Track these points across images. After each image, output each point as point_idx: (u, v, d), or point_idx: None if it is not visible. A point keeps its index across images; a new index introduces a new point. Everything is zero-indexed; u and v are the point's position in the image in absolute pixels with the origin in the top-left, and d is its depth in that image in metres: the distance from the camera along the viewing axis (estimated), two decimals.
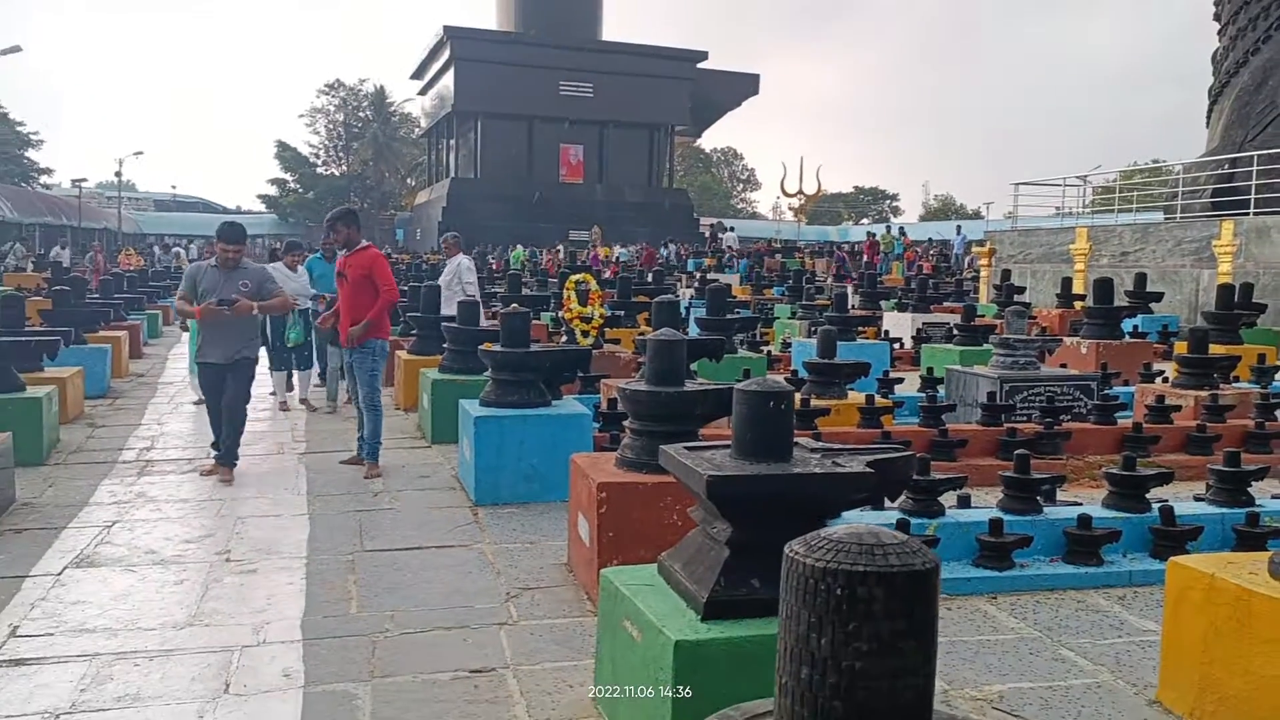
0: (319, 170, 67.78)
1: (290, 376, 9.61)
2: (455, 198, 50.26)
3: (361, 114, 67.77)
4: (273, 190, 66.34)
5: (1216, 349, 8.87)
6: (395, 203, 69.11)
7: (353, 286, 6.71)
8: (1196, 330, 8.01)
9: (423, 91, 60.53)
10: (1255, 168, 15.11)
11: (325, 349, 9.35)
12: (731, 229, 44.58)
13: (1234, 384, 8.08)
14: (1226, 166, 16.28)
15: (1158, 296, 14.09)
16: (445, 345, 8.27)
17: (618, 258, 33.14)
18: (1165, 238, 15.75)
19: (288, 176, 66.25)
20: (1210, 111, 17.97)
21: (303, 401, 9.55)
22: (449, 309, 9.77)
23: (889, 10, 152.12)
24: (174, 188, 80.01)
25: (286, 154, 66.00)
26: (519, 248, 38.06)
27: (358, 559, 4.85)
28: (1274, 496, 5.13)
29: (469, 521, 5.53)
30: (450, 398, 7.44)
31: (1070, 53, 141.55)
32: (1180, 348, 8.30)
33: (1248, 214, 14.76)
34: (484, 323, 8.68)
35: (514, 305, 6.93)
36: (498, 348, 6.30)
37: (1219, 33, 17.92)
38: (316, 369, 9.86)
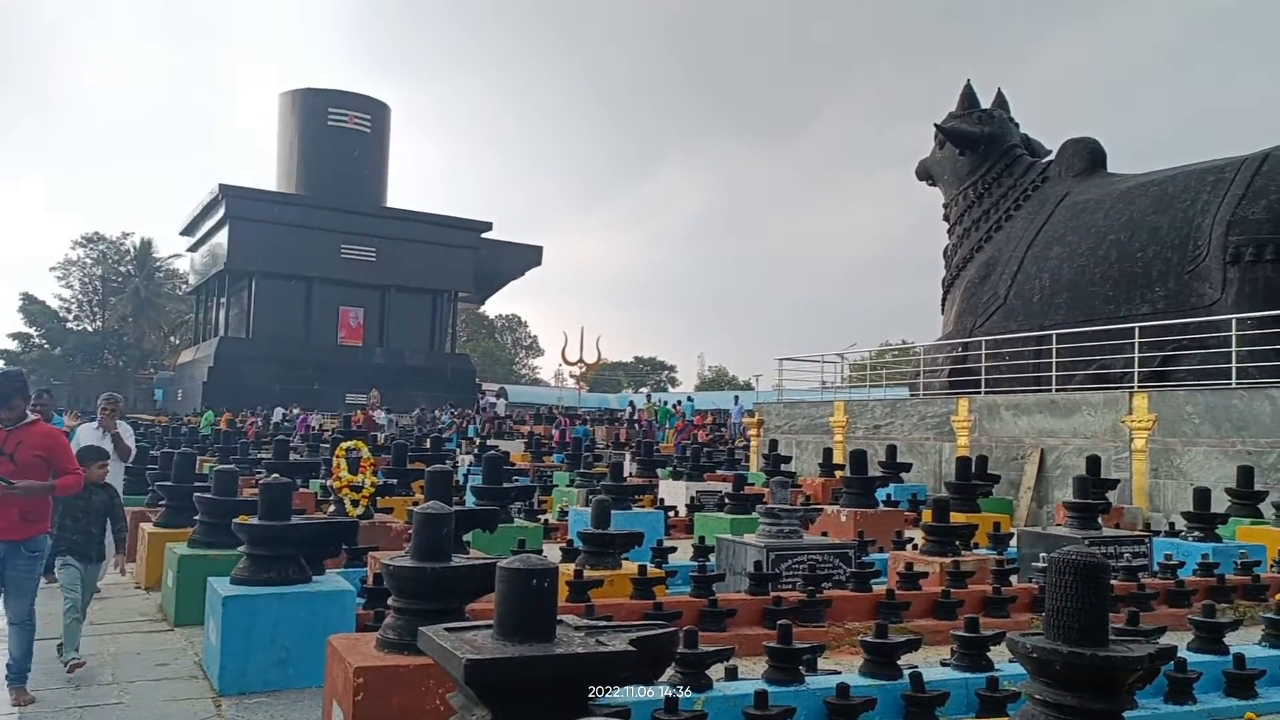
0: (69, 325, 63.27)
1: None
2: (223, 357, 48.11)
3: (123, 268, 64.36)
4: (13, 345, 61.20)
5: (957, 517, 9.59)
6: (155, 361, 65.24)
7: (23, 470, 5.45)
8: (939, 500, 8.65)
9: (193, 248, 58.46)
10: (984, 351, 16.85)
11: None
12: (499, 397, 44.99)
13: (974, 550, 8.72)
14: (960, 350, 18.06)
15: (907, 467, 15.20)
16: (197, 517, 7.71)
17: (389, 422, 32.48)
18: (911, 413, 17.14)
19: (32, 331, 61.41)
20: (944, 300, 20.04)
21: None
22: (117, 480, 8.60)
23: (659, 194, 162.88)
24: None
25: (33, 307, 61.39)
26: (209, 411, 36.77)
27: None
28: (1011, 660, 5.49)
29: (210, 714, 5.03)
30: (199, 575, 6.87)
31: (827, 239, 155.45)
32: (926, 516, 8.91)
33: (980, 393, 16.34)
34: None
35: (275, 475, 6.59)
36: (254, 520, 5.94)
37: (948, 232, 20.23)
38: None
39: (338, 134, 53.60)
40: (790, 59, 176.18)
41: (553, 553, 8.73)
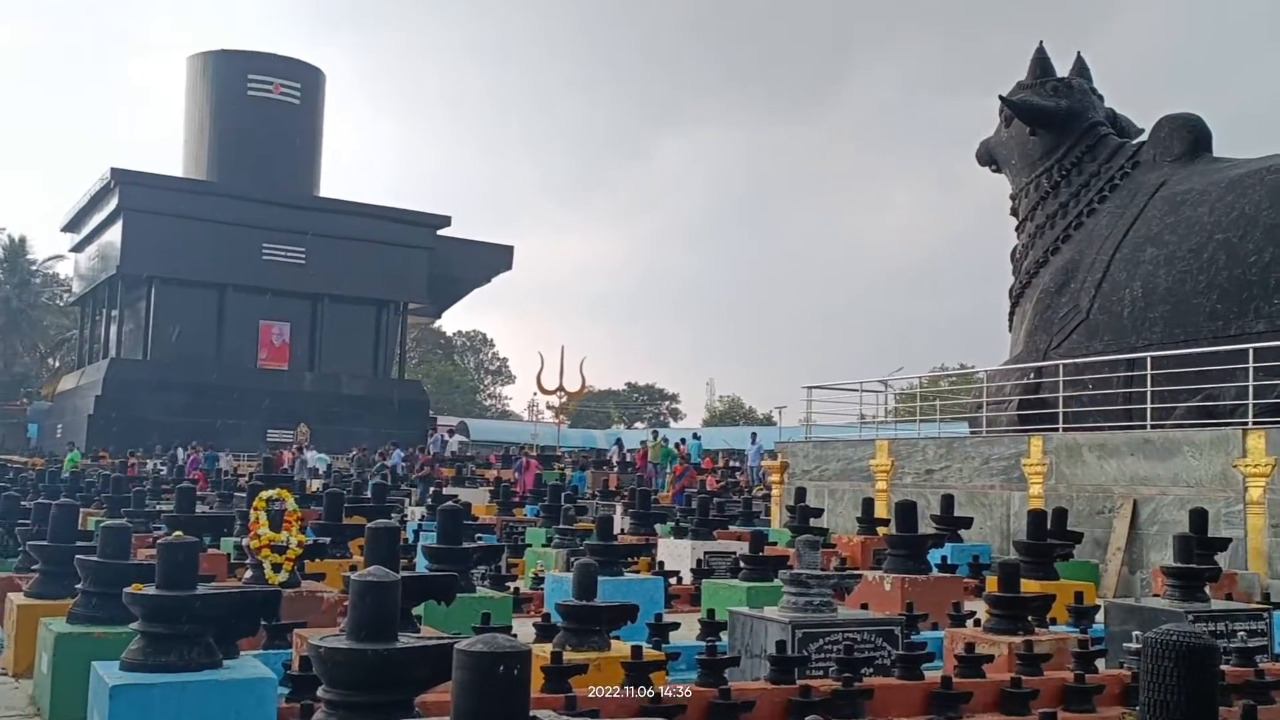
0: None
1: None
2: (114, 384, 48.14)
3: None
4: None
5: (1030, 586, 9.58)
6: (30, 388, 65.25)
7: None
8: (1007, 564, 8.63)
9: (78, 248, 58.56)
10: (1061, 378, 16.88)
11: None
12: (453, 434, 45.18)
13: (1050, 627, 8.71)
14: (1032, 376, 18.10)
15: (966, 522, 15.19)
16: (79, 585, 7.68)
17: (328, 468, 32.49)
18: (972, 454, 17.15)
19: None
20: (1012, 313, 20.11)
21: None
22: None
23: (665, 183, 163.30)
24: None
25: None
26: (75, 450, 36.63)
27: None
28: None
29: None
30: (81, 658, 6.81)
31: (865, 237, 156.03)
32: (991, 584, 8.91)
33: (1056, 429, 16.36)
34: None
35: (177, 533, 6.58)
36: (151, 589, 5.92)
37: (1017, 229, 20.34)
38: None
39: (259, 106, 53.88)
40: (815, 10, 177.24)
41: (525, 630, 8.70)
